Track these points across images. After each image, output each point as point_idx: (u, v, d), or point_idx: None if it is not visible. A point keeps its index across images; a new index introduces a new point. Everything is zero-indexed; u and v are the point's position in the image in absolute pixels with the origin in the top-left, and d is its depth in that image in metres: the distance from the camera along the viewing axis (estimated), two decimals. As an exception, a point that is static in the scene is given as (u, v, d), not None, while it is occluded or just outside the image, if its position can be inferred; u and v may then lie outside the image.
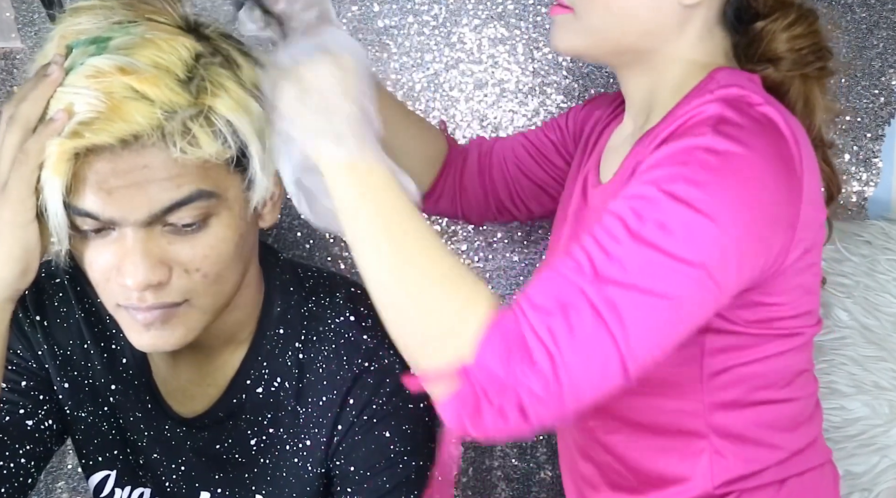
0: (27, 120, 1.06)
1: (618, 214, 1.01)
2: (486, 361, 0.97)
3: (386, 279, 1.03)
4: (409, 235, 1.03)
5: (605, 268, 0.98)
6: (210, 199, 1.11)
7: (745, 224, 1.01)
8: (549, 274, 1.01)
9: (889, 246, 1.76)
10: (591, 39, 1.18)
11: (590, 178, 1.29)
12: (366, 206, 1.04)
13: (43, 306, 1.33)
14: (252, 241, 1.22)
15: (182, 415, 1.32)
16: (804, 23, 1.19)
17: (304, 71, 1.07)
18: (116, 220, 1.08)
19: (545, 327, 0.96)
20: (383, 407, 1.25)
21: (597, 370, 0.97)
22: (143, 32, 1.08)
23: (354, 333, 1.28)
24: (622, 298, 0.97)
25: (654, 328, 0.99)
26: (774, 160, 1.04)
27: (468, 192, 1.55)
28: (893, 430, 1.73)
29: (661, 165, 1.03)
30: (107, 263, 1.11)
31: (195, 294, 1.14)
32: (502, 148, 1.54)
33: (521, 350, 0.96)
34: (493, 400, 0.96)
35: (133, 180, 1.06)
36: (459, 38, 1.80)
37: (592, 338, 0.96)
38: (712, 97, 1.08)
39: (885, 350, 1.73)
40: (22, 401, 1.30)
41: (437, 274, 1.02)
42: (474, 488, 1.90)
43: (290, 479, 1.30)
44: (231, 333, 1.27)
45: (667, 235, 0.98)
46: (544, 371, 0.95)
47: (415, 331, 1.03)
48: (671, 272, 0.98)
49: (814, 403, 1.27)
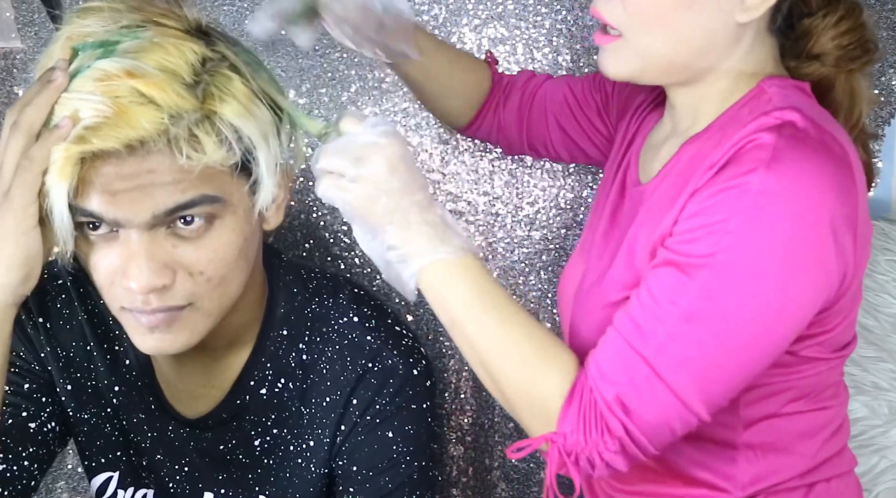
0: (31, 126, 1.06)
1: (673, 273, 1.03)
2: (568, 433, 1.05)
3: (482, 367, 1.11)
4: (500, 322, 1.09)
5: (664, 335, 1.02)
6: (214, 203, 1.11)
7: (804, 266, 1.02)
8: (614, 340, 1.06)
9: (888, 246, 1.76)
10: (644, 64, 1.15)
11: (629, 175, 1.28)
12: (474, 304, 1.10)
13: (46, 308, 1.32)
14: (256, 244, 1.22)
15: (186, 416, 1.32)
16: (851, 17, 1.16)
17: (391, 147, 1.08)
18: (121, 222, 1.08)
19: (615, 399, 1.03)
20: (386, 407, 1.26)
21: (670, 427, 1.04)
22: (151, 37, 1.08)
23: (358, 334, 1.28)
24: (685, 363, 1.02)
25: (721, 382, 1.04)
26: (833, 189, 1.03)
27: (504, 130, 1.56)
28: (893, 430, 1.73)
29: (713, 212, 1.03)
30: (111, 265, 1.11)
31: (199, 297, 1.14)
32: (544, 97, 1.53)
33: (597, 422, 1.04)
34: (580, 462, 1.06)
35: (138, 184, 1.06)
36: (459, 38, 1.79)
37: (661, 403, 1.03)
38: (768, 123, 1.06)
39: (885, 351, 1.74)
40: (25, 403, 1.30)
41: (523, 354, 1.08)
42: (474, 488, 1.91)
43: (294, 479, 1.31)
44: (235, 334, 1.27)
45: (724, 295, 1.01)
46: (620, 437, 1.03)
47: (512, 401, 1.10)
48: (732, 333, 1.02)
49: (844, 411, 1.27)
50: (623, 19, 1.12)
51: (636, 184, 1.26)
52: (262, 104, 1.13)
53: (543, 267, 1.85)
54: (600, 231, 1.29)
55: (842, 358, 1.20)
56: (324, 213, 1.83)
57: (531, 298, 1.86)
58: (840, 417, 1.25)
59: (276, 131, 1.14)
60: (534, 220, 1.84)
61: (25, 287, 1.11)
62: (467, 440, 1.90)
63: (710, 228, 1.02)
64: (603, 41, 1.16)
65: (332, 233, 1.84)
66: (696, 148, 1.14)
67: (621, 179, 1.30)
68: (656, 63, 1.15)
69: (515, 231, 1.85)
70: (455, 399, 1.88)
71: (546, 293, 1.86)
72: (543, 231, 1.84)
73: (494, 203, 1.84)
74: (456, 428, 1.90)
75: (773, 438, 1.18)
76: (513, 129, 1.54)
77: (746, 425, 1.17)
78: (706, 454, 1.19)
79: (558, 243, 1.84)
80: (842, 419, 1.26)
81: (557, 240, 1.84)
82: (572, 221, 1.84)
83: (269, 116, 1.13)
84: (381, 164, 1.06)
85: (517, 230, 1.85)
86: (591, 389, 1.04)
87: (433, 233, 1.08)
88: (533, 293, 1.86)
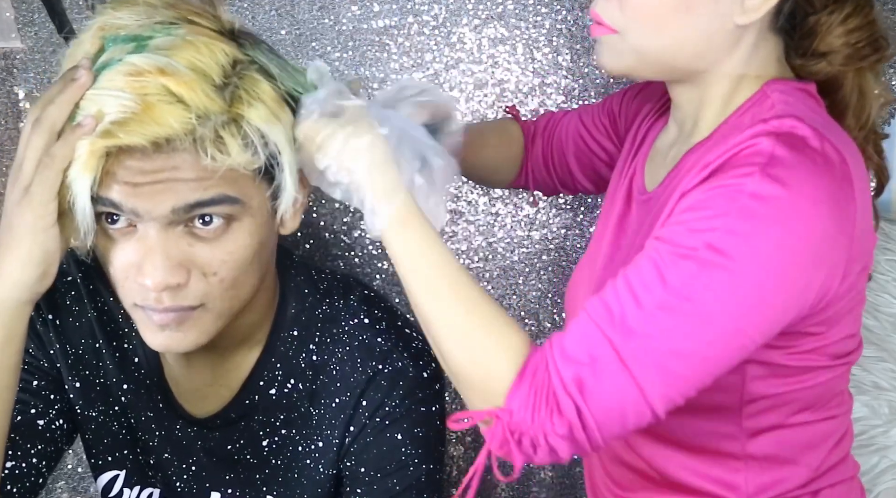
0: (53, 123, 1.06)
1: (653, 261, 1.01)
2: (515, 409, 1.02)
3: (434, 328, 1.09)
4: (447, 286, 1.08)
5: (634, 321, 1.00)
6: (234, 204, 1.11)
7: (784, 274, 1.00)
8: (583, 322, 1.03)
9: (889, 246, 1.77)
10: (640, 60, 1.14)
11: (635, 183, 1.28)
12: (420, 263, 1.09)
13: (55, 305, 1.32)
14: (272, 248, 1.22)
15: (194, 415, 1.32)
16: (860, 14, 1.12)
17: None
18: (140, 213, 1.07)
19: (573, 379, 1.00)
20: (396, 409, 1.26)
21: (624, 417, 1.01)
22: (184, 35, 1.08)
23: (368, 336, 1.28)
24: (650, 352, 0.99)
25: (683, 377, 1.01)
26: (827, 202, 1.01)
27: (536, 177, 1.57)
28: (893, 430, 1.74)
29: (704, 207, 1.02)
30: (128, 260, 1.11)
31: (211, 298, 1.14)
32: (561, 135, 1.54)
33: (548, 400, 1.01)
34: (523, 441, 1.02)
35: (160, 178, 1.06)
36: (459, 38, 1.80)
37: (620, 389, 1.00)
38: (766, 129, 1.04)
39: (885, 351, 1.74)
40: (33, 400, 1.30)
41: (472, 324, 1.06)
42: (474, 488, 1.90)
43: (302, 480, 1.30)
44: (245, 334, 1.27)
45: (700, 290, 0.99)
46: (571, 420, 1.00)
47: (455, 373, 1.08)
48: (702, 328, 1.00)
49: (848, 419, 1.26)
50: (620, 20, 1.12)
51: (642, 191, 1.25)
52: (288, 109, 1.12)
53: (543, 267, 1.86)
54: (607, 239, 1.28)
55: (846, 365, 1.19)
56: (324, 214, 1.83)
57: (531, 297, 1.87)
58: (845, 425, 1.25)
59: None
60: (534, 221, 1.84)
61: (42, 285, 1.11)
62: (467, 440, 1.91)
63: (696, 223, 1.01)
64: (599, 32, 1.15)
65: (332, 233, 1.84)
66: (699, 156, 1.13)
67: (627, 187, 1.30)
68: (652, 62, 1.14)
69: (515, 231, 1.85)
70: (456, 399, 1.88)
71: (546, 293, 1.86)
72: (543, 231, 1.84)
73: (494, 203, 1.84)
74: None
75: (778, 450, 1.17)
76: (542, 173, 1.56)
77: (750, 436, 1.16)
78: (710, 466, 1.19)
79: (558, 243, 1.85)
80: (846, 427, 1.25)
81: (557, 240, 1.85)
82: (572, 221, 1.84)
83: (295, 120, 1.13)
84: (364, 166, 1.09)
85: (517, 230, 1.85)
86: (546, 366, 1.01)
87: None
88: (533, 293, 1.86)
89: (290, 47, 1.79)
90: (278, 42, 1.78)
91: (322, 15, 1.79)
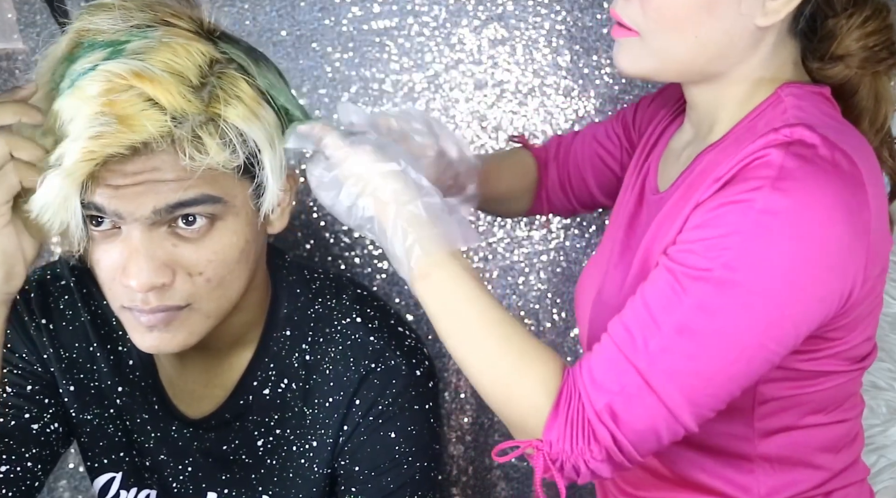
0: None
1: (669, 284, 1.03)
2: (554, 440, 1.05)
3: (468, 369, 1.11)
4: (481, 324, 1.09)
5: (657, 346, 1.02)
6: (216, 203, 1.11)
7: (801, 285, 1.00)
8: (608, 347, 1.05)
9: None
10: (660, 63, 1.13)
11: (647, 183, 1.28)
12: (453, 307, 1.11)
13: (49, 309, 1.33)
14: (259, 247, 1.22)
15: (189, 416, 1.32)
16: (878, 18, 1.12)
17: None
18: (122, 215, 1.08)
19: (605, 407, 1.03)
20: (389, 408, 1.26)
21: (657, 436, 1.04)
22: (161, 36, 1.08)
23: (361, 335, 1.29)
24: (675, 376, 1.01)
25: (710, 395, 1.03)
26: (840, 209, 1.00)
27: (553, 201, 1.59)
28: (891, 429, 1.74)
29: (715, 225, 1.02)
30: (113, 262, 1.11)
31: (198, 298, 1.14)
32: (576, 157, 1.55)
33: (584, 430, 1.04)
34: (565, 468, 1.06)
35: (141, 180, 1.07)
36: (459, 38, 1.80)
37: (651, 414, 1.03)
38: (776, 139, 1.04)
39: (883, 351, 1.74)
40: (27, 405, 1.30)
41: (505, 365, 1.08)
42: (474, 488, 1.91)
43: (297, 479, 1.31)
44: (238, 334, 1.28)
45: (718, 311, 1.00)
46: (607, 446, 1.03)
47: (495, 410, 1.11)
48: (724, 347, 1.01)
49: (859, 423, 1.26)
50: (641, 21, 1.11)
51: (654, 192, 1.25)
52: (268, 107, 1.13)
53: (543, 267, 1.86)
54: (618, 239, 1.28)
55: (861, 369, 1.19)
56: (324, 214, 1.83)
57: (531, 297, 1.87)
58: (856, 429, 1.25)
59: (282, 133, 1.15)
60: (534, 220, 1.84)
61: (10, 286, 1.11)
62: (467, 440, 1.91)
63: (709, 242, 1.01)
64: (620, 34, 1.14)
65: (332, 233, 1.84)
66: (712, 158, 1.13)
67: (640, 187, 1.30)
68: (672, 65, 1.13)
69: (515, 231, 1.85)
70: (455, 399, 1.89)
71: (546, 293, 1.86)
72: (543, 231, 1.84)
73: (494, 203, 1.84)
74: (456, 428, 1.90)
75: (790, 451, 1.18)
76: (560, 197, 1.57)
77: (762, 437, 1.17)
78: (722, 465, 1.19)
79: (558, 243, 1.85)
80: (857, 430, 1.26)
81: (557, 240, 1.85)
82: (572, 221, 1.84)
83: (275, 119, 1.13)
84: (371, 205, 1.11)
85: (517, 230, 1.85)
86: (579, 396, 1.04)
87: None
88: (533, 293, 1.87)
89: (290, 48, 1.79)
90: (279, 43, 1.79)
91: (322, 16, 1.79)
